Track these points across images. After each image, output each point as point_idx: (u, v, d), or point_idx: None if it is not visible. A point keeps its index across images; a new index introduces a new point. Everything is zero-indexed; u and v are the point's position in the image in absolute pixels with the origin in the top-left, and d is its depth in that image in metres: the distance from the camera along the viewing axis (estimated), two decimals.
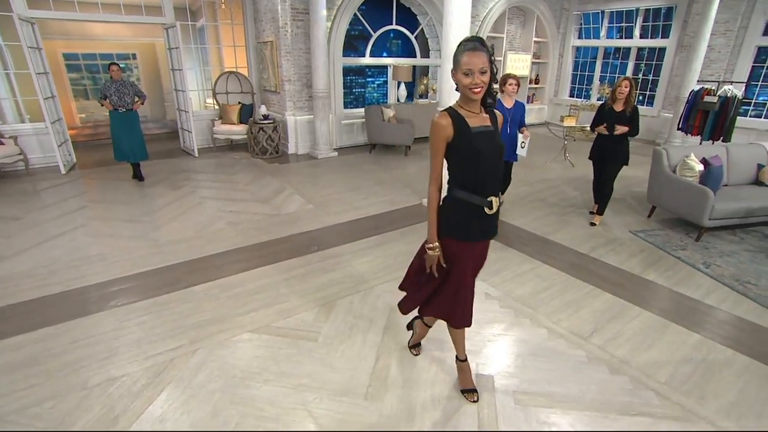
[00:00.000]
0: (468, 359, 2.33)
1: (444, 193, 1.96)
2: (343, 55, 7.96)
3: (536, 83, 10.90)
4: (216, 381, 2.34)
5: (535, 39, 10.29)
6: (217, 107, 7.96)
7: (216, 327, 2.80)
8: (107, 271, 3.49)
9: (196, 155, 7.24)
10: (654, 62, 9.40)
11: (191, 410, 2.15)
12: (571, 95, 11.04)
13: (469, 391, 2.27)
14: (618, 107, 4.19)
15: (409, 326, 2.60)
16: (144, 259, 3.71)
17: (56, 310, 2.97)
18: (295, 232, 4.31)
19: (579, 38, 10.65)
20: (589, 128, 4.63)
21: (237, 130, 7.60)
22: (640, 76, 9.72)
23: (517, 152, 4.42)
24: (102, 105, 5.47)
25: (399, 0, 8.17)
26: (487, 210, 1.87)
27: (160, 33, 7.16)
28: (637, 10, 9.41)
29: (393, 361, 2.52)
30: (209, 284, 3.31)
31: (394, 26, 8.28)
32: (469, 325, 2.14)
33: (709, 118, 6.89)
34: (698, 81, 7.70)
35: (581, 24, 10.52)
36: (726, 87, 6.84)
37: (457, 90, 1.82)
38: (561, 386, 2.39)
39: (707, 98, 6.88)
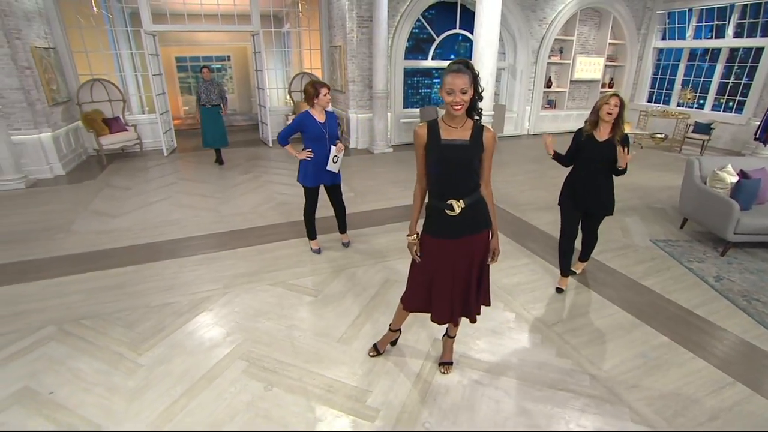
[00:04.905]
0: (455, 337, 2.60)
1: None
2: (411, 58, 8.53)
3: (610, 87, 10.43)
4: (234, 315, 3.13)
5: (611, 41, 9.86)
6: (291, 104, 9.05)
7: (245, 279, 3.62)
8: (180, 232, 4.54)
9: (270, 145, 8.38)
10: (748, 64, 8.56)
11: (211, 330, 2.96)
12: (650, 100, 10.38)
13: (445, 363, 2.65)
14: (601, 135, 3.03)
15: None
16: (208, 225, 4.72)
17: (141, 255, 4.03)
18: (330, 215, 5.03)
19: (662, 39, 9.97)
20: (562, 161, 3.35)
21: None
22: (732, 79, 8.91)
23: (328, 167, 3.90)
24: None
25: (465, 5, 8.51)
26: (448, 212, 2.06)
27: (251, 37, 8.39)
28: (733, 6, 8.60)
29: (369, 319, 3.10)
30: (249, 248, 4.17)
31: (457, 30, 8.64)
32: (439, 321, 2.35)
33: None
34: None
35: (666, 24, 9.84)
36: None
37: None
38: (504, 358, 2.76)
39: None
